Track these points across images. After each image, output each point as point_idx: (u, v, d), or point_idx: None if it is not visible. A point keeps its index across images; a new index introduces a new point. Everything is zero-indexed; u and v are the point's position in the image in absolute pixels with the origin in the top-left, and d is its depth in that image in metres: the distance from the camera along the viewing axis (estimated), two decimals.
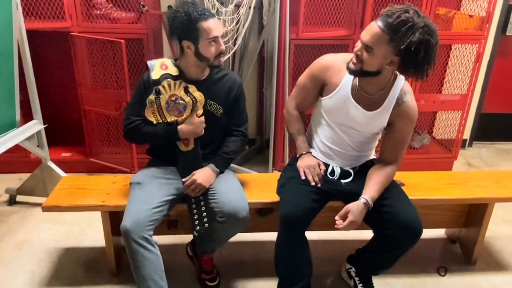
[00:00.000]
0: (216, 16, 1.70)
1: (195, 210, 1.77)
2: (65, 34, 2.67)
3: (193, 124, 1.76)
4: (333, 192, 1.79)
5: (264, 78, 3.23)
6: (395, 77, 1.69)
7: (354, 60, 1.60)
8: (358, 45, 1.57)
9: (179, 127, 1.76)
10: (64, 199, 1.89)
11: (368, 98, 1.70)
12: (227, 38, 2.55)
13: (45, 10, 2.62)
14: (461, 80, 3.09)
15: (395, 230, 1.66)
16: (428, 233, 2.33)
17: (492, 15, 2.77)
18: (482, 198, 2.02)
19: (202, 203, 1.77)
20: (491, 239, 2.38)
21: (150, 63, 1.77)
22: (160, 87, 1.72)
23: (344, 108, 1.73)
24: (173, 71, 1.75)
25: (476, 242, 2.13)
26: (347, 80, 1.72)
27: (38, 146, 2.49)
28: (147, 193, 1.73)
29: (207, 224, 1.75)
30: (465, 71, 3.04)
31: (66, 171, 2.62)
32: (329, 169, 1.83)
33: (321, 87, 1.79)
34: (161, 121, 1.77)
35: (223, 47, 1.72)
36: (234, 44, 2.64)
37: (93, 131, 2.95)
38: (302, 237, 1.71)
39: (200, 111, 1.77)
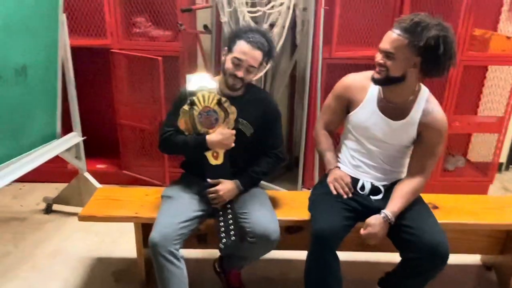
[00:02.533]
0: (263, 51, 1.75)
1: (222, 223, 1.77)
2: (104, 51, 2.79)
3: (222, 135, 1.75)
4: (364, 210, 1.77)
5: (295, 97, 3.26)
6: (419, 88, 1.72)
7: (378, 69, 1.64)
8: (378, 56, 1.63)
9: (207, 136, 1.75)
10: (99, 210, 1.95)
11: (394, 108, 1.72)
12: None
13: (87, 28, 2.76)
14: (498, 102, 3.02)
15: (418, 254, 1.61)
16: (462, 259, 2.26)
17: None
18: None
19: (230, 216, 1.78)
20: None
21: (188, 75, 1.81)
22: (194, 98, 1.74)
23: (372, 121, 1.75)
24: (210, 84, 1.78)
25: None
26: (372, 94, 1.76)
27: (76, 157, 2.59)
28: (177, 207, 1.76)
29: (234, 237, 1.74)
30: (502, 93, 2.97)
31: (100, 182, 2.69)
32: (359, 184, 1.82)
33: (347, 105, 1.83)
34: (192, 131, 1.78)
35: (241, 73, 1.73)
36: (267, 63, 2.67)
37: (127, 144, 3.03)
38: (334, 255, 1.69)
39: (232, 125, 1.78)
